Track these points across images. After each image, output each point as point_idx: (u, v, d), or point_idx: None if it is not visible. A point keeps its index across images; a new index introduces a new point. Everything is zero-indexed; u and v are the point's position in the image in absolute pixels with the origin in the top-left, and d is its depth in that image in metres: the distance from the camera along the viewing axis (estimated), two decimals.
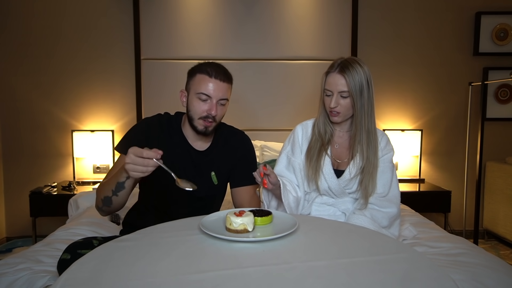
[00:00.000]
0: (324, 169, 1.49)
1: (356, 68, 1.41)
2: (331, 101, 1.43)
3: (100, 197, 1.29)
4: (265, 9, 2.92)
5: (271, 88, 2.96)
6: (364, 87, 1.42)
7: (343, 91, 1.42)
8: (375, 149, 1.48)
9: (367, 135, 1.46)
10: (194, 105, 1.36)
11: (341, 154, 1.54)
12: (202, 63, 1.41)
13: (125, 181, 1.21)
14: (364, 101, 1.43)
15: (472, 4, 3.01)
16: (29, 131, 2.93)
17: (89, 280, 0.81)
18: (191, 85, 1.38)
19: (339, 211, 1.52)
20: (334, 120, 1.48)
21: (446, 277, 0.82)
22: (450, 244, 1.50)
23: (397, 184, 1.54)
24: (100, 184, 1.36)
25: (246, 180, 1.49)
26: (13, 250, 2.75)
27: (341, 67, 1.42)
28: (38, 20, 2.86)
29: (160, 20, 2.87)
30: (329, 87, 1.45)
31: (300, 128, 1.60)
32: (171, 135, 1.44)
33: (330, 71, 1.46)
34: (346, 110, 1.45)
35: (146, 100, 2.92)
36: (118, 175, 1.22)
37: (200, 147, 1.46)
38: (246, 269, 0.85)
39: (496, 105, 3.07)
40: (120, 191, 1.23)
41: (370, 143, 1.47)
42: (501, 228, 2.91)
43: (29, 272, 1.24)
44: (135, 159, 1.10)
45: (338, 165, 1.53)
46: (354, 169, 1.48)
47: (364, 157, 1.47)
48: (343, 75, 1.41)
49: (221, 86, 1.35)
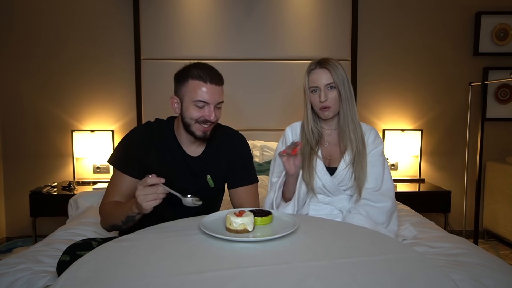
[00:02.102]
0: (317, 169, 1.51)
1: (335, 62, 1.49)
2: (320, 96, 1.48)
3: (108, 222, 1.32)
4: (265, 9, 2.92)
5: (271, 88, 2.96)
6: (345, 78, 1.49)
7: (329, 83, 1.47)
8: (362, 138, 1.53)
9: (353, 125, 1.52)
10: (191, 112, 1.32)
11: (332, 151, 1.57)
12: (191, 66, 1.35)
13: (136, 216, 1.23)
14: (347, 90, 1.49)
15: (472, 4, 3.01)
16: (29, 131, 2.93)
17: (89, 280, 0.81)
18: (185, 92, 1.33)
19: (336, 209, 1.53)
20: (326, 115, 1.51)
21: (446, 277, 0.82)
22: (450, 244, 1.50)
23: (390, 177, 1.56)
24: (104, 206, 1.35)
25: (243, 181, 1.47)
26: (13, 250, 2.75)
27: (321, 63, 1.49)
28: (38, 20, 2.87)
29: (160, 20, 2.87)
30: (314, 84, 1.49)
31: (289, 129, 1.63)
32: (163, 143, 1.42)
33: (311, 69, 1.51)
34: (336, 102, 1.49)
35: (146, 100, 2.93)
36: (127, 208, 1.23)
37: (194, 152, 1.44)
38: (246, 269, 0.85)
39: (496, 105, 3.07)
40: (129, 223, 1.26)
41: (356, 133, 1.52)
42: (501, 228, 2.91)
43: (29, 272, 1.24)
44: (144, 190, 1.11)
45: (330, 162, 1.55)
46: (346, 162, 1.51)
47: (353, 148, 1.51)
48: (326, 68, 1.47)
49: (216, 90, 1.32)
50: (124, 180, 1.37)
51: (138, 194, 1.11)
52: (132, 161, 1.37)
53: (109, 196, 1.37)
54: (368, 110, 3.08)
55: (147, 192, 1.11)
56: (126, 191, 1.37)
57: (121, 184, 1.37)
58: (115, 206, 1.32)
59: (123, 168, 1.37)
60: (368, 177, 1.51)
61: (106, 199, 1.37)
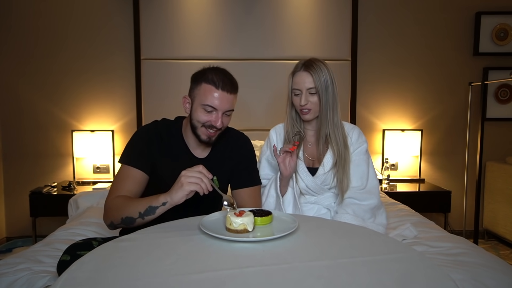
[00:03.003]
0: (299, 170, 1.53)
1: (320, 66, 1.48)
2: (301, 99, 1.48)
3: (120, 215, 1.23)
4: (265, 9, 2.92)
5: (271, 88, 2.96)
6: (329, 83, 1.48)
7: (311, 88, 1.47)
8: (344, 143, 1.53)
9: (333, 129, 1.51)
10: (198, 115, 1.32)
11: (314, 152, 1.59)
12: (207, 70, 1.35)
13: (159, 206, 1.17)
14: (329, 96, 1.48)
15: (472, 4, 3.01)
16: (29, 131, 2.93)
17: (89, 280, 0.81)
18: (196, 94, 1.34)
19: (323, 208, 1.55)
20: (306, 118, 1.52)
21: (446, 277, 0.82)
22: (450, 244, 1.50)
23: (375, 175, 1.58)
24: (114, 200, 1.28)
25: (247, 182, 1.48)
26: (13, 250, 2.75)
27: (305, 66, 1.49)
28: (38, 20, 2.86)
29: (160, 20, 2.87)
30: (297, 86, 1.50)
31: (274, 131, 1.66)
32: (171, 143, 1.42)
33: (296, 71, 1.51)
34: (316, 106, 1.50)
35: (146, 100, 2.92)
36: (152, 198, 1.19)
37: (200, 154, 1.45)
38: (246, 269, 0.85)
39: (496, 105, 3.07)
40: (149, 215, 1.20)
41: (338, 137, 1.52)
42: (501, 228, 2.91)
43: (29, 272, 1.24)
44: (191, 172, 1.12)
45: (313, 163, 1.57)
46: (327, 164, 1.52)
47: (335, 152, 1.51)
48: (309, 72, 1.47)
49: (227, 97, 1.31)
50: (134, 175, 1.33)
51: (184, 174, 1.12)
52: (141, 156, 1.36)
53: (117, 190, 1.31)
54: (368, 110, 3.08)
55: (193, 175, 1.12)
56: (135, 186, 1.33)
57: (131, 179, 1.33)
58: (130, 198, 1.28)
59: (133, 162, 1.34)
60: (352, 176, 1.53)
61: (114, 193, 1.31)
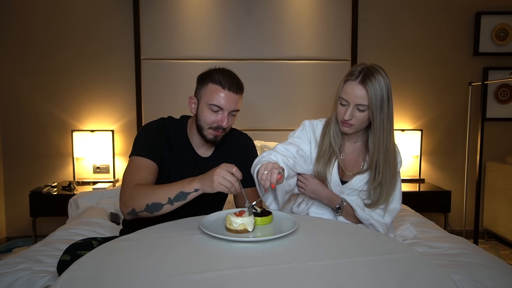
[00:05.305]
0: (331, 179, 1.42)
1: (379, 79, 1.28)
2: (346, 113, 1.32)
3: (146, 201, 1.19)
4: (265, 9, 2.91)
5: (271, 88, 2.96)
6: (385, 100, 1.29)
7: (362, 104, 1.30)
8: (394, 168, 1.39)
9: (384, 154, 1.36)
10: (204, 115, 1.34)
11: (347, 165, 1.47)
12: (214, 70, 1.37)
13: (192, 192, 1.16)
14: (383, 116, 1.31)
15: (472, 4, 3.01)
16: (29, 131, 2.93)
17: (89, 280, 0.81)
18: (202, 94, 1.36)
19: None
20: (345, 131, 1.39)
21: (446, 277, 0.82)
22: (450, 244, 1.50)
23: (399, 199, 1.46)
24: (138, 187, 1.23)
25: (248, 182, 1.48)
26: (13, 250, 2.75)
27: (363, 76, 1.28)
28: (39, 20, 2.86)
29: (160, 20, 2.87)
30: (346, 97, 1.32)
31: (310, 125, 1.51)
32: (177, 141, 1.44)
33: (349, 79, 1.32)
34: (361, 124, 1.35)
35: (146, 100, 2.92)
36: (185, 183, 1.17)
37: (204, 153, 1.47)
38: (246, 269, 0.85)
39: (496, 105, 3.07)
40: (179, 201, 1.17)
41: (388, 163, 1.37)
42: (501, 228, 2.91)
43: (29, 272, 1.24)
44: (226, 172, 1.10)
45: (343, 175, 1.47)
46: (360, 183, 1.42)
47: (379, 175, 1.38)
48: (365, 86, 1.27)
49: (233, 97, 1.34)
50: (147, 165, 1.32)
51: (218, 172, 1.10)
52: (154, 147, 1.36)
53: (134, 180, 1.27)
54: None
55: (227, 176, 1.10)
56: (151, 176, 1.31)
57: (145, 169, 1.30)
58: (155, 185, 1.26)
59: (146, 153, 1.33)
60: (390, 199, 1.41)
61: (131, 183, 1.26)
